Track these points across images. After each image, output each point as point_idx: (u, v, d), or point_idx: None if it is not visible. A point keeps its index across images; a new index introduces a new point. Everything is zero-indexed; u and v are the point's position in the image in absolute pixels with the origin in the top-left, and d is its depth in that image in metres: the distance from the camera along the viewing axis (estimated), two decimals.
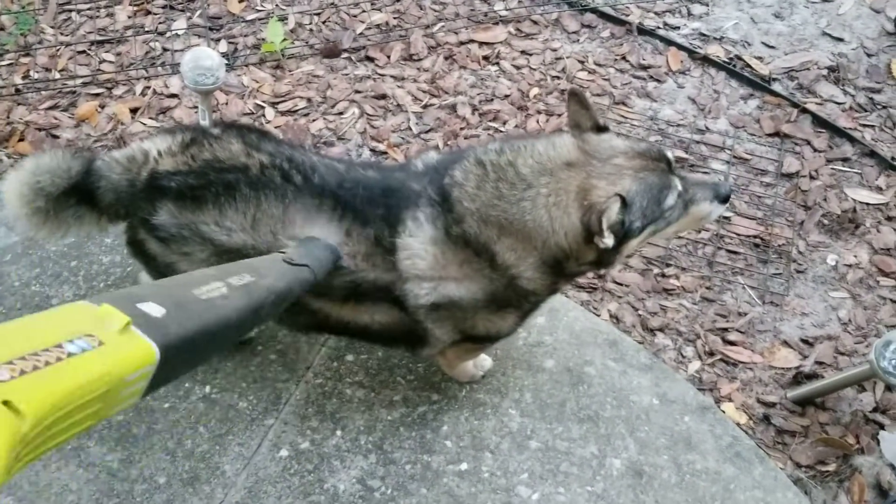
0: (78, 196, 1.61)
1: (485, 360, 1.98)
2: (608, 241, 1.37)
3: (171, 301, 0.92)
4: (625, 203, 1.36)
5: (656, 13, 3.08)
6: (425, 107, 2.70)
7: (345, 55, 2.85)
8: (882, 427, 2.00)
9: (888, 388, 2.04)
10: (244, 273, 1.13)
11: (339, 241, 1.49)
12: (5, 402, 0.65)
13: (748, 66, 2.91)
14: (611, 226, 1.35)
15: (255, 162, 1.52)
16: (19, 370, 0.68)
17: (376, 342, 1.88)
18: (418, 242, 1.50)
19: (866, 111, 2.79)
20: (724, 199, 1.58)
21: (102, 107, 2.65)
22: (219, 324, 0.98)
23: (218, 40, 2.89)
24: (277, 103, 2.68)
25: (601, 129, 1.52)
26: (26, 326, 0.79)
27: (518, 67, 2.84)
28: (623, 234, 1.40)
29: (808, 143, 2.67)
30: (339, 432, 1.89)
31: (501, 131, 2.62)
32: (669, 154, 1.51)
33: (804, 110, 2.75)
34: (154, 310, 0.88)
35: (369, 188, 1.54)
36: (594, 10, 3.05)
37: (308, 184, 1.52)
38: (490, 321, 1.61)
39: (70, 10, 2.97)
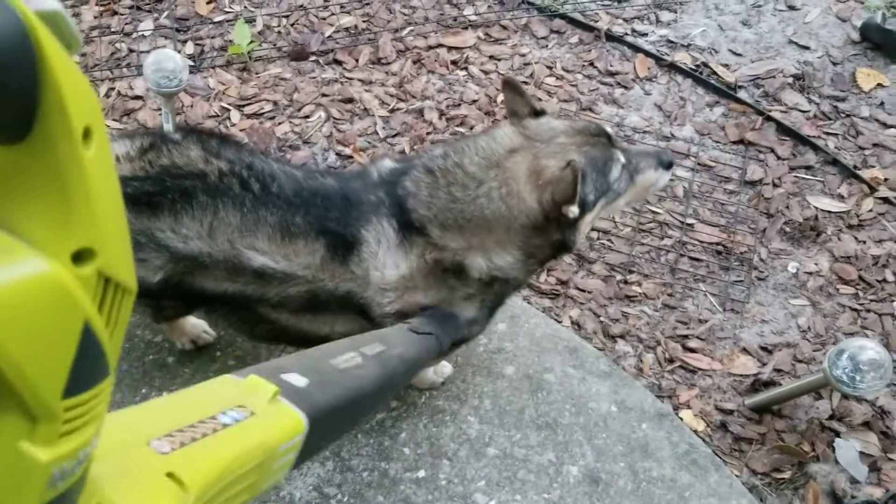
0: None
1: (445, 367, 1.98)
2: (575, 209, 1.39)
3: (312, 371, 0.93)
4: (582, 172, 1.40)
5: (625, 20, 3.10)
6: (392, 111, 2.69)
7: (312, 58, 2.84)
8: (838, 434, 2.02)
9: (844, 396, 2.06)
10: (375, 343, 1.16)
11: (295, 250, 1.49)
12: (169, 475, 0.65)
13: (714, 73, 2.93)
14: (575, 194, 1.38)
15: (214, 169, 1.51)
16: (179, 442, 0.68)
17: None
18: (380, 254, 1.50)
19: (830, 119, 2.82)
20: (668, 166, 1.63)
21: None
22: (357, 393, 0.99)
23: (185, 42, 2.87)
24: (243, 106, 2.67)
25: (538, 112, 1.55)
26: (179, 400, 0.80)
27: (486, 72, 2.85)
28: (581, 206, 1.43)
29: (772, 150, 2.69)
30: None
31: (468, 136, 2.62)
32: (608, 128, 1.55)
33: (769, 118, 2.77)
34: (298, 380, 0.89)
35: (327, 197, 1.53)
36: (563, 16, 3.06)
37: (266, 192, 1.51)
38: None
39: None
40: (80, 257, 0.44)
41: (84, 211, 0.43)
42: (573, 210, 1.39)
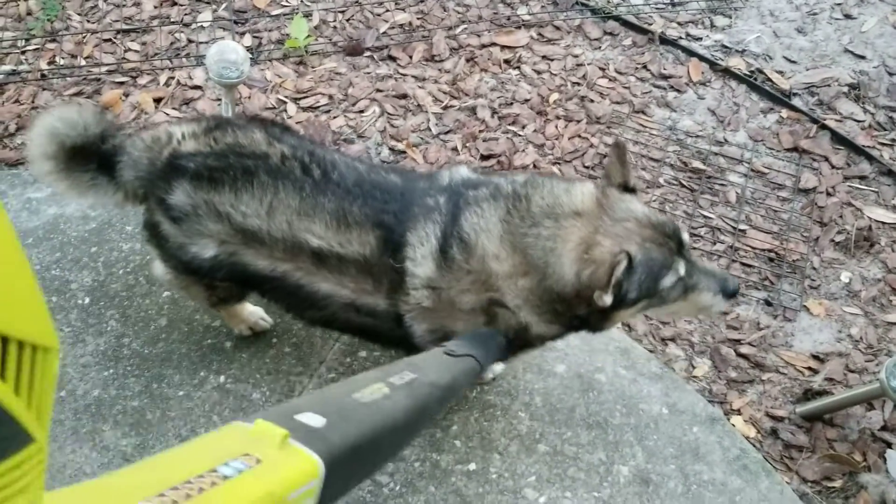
0: (98, 163, 1.65)
1: (496, 364, 1.99)
2: (607, 298, 1.34)
3: (331, 408, 0.88)
4: (630, 266, 1.34)
5: (679, 23, 3.09)
6: (445, 108, 2.71)
7: (367, 54, 2.87)
8: (889, 445, 2.01)
9: None
10: (405, 371, 1.09)
11: (348, 238, 1.51)
12: None
13: (769, 79, 2.91)
14: (615, 284, 1.32)
15: (277, 151, 1.55)
16: (171, 501, 0.63)
17: (381, 342, 1.88)
18: (420, 257, 1.50)
19: (885, 130, 2.79)
20: (731, 295, 1.53)
21: (126, 95, 2.68)
22: (385, 427, 0.93)
23: (242, 34, 2.92)
24: (299, 99, 2.70)
25: (628, 188, 1.50)
26: (178, 455, 0.75)
27: (539, 72, 2.86)
28: (618, 299, 1.37)
29: (826, 159, 2.67)
30: None
31: (520, 135, 2.64)
32: (685, 235, 1.47)
33: (823, 126, 2.75)
34: (314, 420, 0.84)
35: (387, 192, 1.55)
36: (617, 18, 3.06)
37: (326, 179, 1.54)
38: None
39: None
40: None
41: None
42: (605, 299, 1.34)
